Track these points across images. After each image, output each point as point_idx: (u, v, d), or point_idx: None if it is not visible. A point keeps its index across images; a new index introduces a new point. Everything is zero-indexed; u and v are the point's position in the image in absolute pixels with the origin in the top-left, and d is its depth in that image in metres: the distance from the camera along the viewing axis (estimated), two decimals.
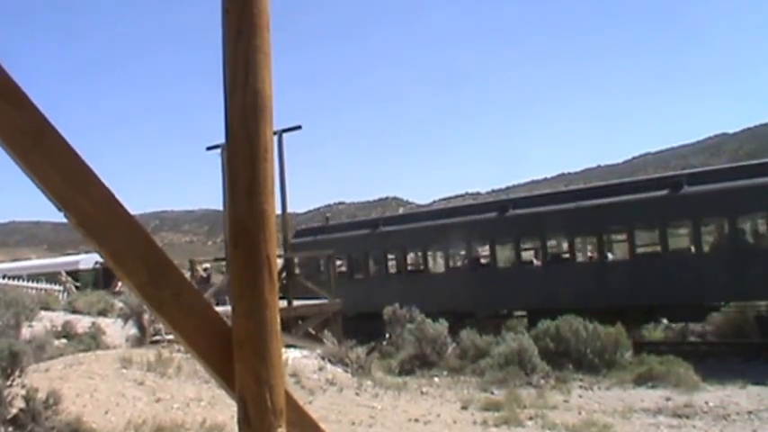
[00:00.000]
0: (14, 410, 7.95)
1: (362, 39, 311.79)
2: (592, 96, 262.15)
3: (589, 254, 21.44)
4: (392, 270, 25.00)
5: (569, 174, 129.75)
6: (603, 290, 19.00)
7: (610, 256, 20.43)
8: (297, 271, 25.61)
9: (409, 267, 25.00)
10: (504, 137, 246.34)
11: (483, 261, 23.40)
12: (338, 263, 25.89)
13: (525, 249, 22.29)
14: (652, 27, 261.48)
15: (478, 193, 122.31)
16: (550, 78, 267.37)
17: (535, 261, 21.78)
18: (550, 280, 20.15)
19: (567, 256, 21.13)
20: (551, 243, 22.12)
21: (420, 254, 24.67)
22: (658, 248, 19.21)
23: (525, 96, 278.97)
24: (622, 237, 20.33)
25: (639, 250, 19.73)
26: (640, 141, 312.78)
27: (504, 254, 23.42)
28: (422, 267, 24.45)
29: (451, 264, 23.87)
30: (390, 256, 25.12)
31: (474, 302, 21.94)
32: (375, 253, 25.27)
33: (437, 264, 24.72)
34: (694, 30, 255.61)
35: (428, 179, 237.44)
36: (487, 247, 23.17)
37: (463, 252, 23.73)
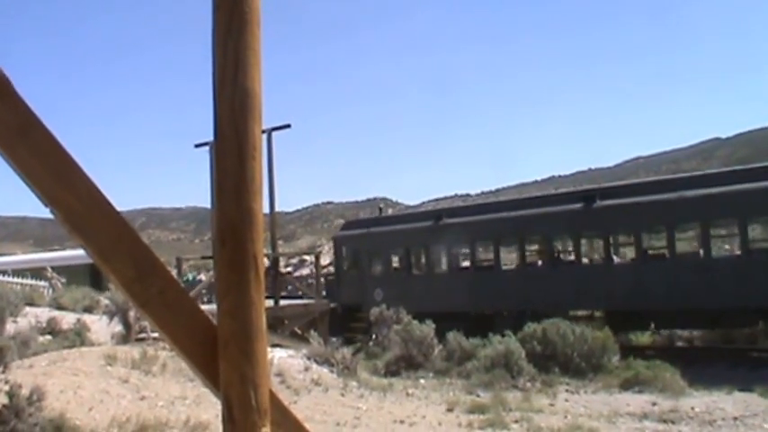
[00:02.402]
0: None
1: (353, 38, 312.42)
2: (583, 99, 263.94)
3: (689, 249, 19.90)
4: (454, 266, 23.35)
5: (560, 176, 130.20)
6: (707, 289, 17.16)
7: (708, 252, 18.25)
8: (345, 266, 25.06)
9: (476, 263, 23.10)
10: (494, 138, 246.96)
11: (563, 257, 21.79)
12: (393, 258, 24.51)
13: (612, 244, 20.52)
14: (644, 30, 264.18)
15: (468, 195, 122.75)
16: (541, 81, 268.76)
17: (615, 258, 20.23)
18: (643, 277, 18.31)
19: (665, 251, 19.13)
20: (645, 236, 20.07)
21: (490, 248, 22.53)
22: None
23: (516, 98, 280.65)
24: (732, 231, 18.59)
25: (752, 245, 18.00)
26: (632, 145, 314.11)
27: (587, 248, 22.01)
28: (492, 263, 22.22)
29: (527, 259, 21.62)
30: (453, 251, 23.34)
31: (551, 302, 19.80)
32: (437, 247, 23.14)
33: (508, 259, 23.11)
34: (687, 33, 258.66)
35: (417, 180, 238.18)
36: (570, 242, 21.44)
37: (539, 247, 21.85)
